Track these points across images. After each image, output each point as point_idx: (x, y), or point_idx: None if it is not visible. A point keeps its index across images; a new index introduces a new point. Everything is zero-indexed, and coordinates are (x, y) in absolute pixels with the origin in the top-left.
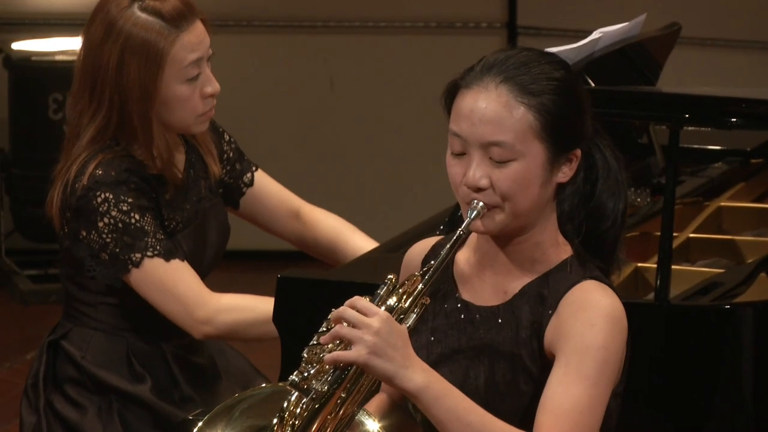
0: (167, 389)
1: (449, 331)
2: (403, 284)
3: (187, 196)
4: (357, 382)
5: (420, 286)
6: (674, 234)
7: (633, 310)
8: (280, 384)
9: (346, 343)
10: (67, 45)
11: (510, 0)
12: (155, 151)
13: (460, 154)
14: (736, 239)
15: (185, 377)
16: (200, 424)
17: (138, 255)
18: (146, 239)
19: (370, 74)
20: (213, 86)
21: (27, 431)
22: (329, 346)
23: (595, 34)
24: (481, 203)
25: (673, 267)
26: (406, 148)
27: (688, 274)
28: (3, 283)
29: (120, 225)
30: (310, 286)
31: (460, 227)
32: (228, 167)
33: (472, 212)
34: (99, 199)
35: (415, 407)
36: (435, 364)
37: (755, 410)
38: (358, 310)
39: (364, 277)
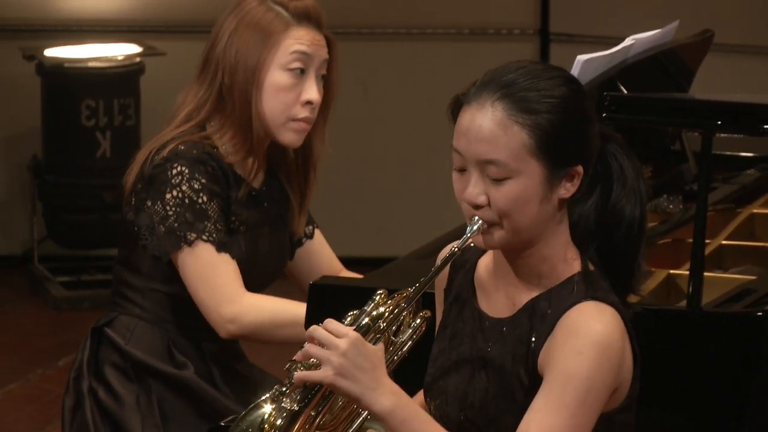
0: (209, 382)
1: (464, 339)
2: (392, 297)
3: (257, 206)
4: (326, 401)
5: (403, 304)
6: (706, 241)
7: (665, 317)
8: None
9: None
10: (100, 51)
11: (543, 7)
12: (250, 141)
13: (461, 170)
14: None
15: (223, 379)
16: (256, 404)
17: (194, 235)
18: (206, 223)
19: (403, 81)
20: (312, 95)
21: (68, 416)
22: (302, 363)
23: (628, 41)
24: (480, 220)
25: (705, 274)
26: (439, 155)
27: (721, 281)
28: (36, 290)
29: (187, 201)
30: (342, 293)
31: (455, 244)
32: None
33: (471, 228)
34: (174, 171)
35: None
36: (446, 373)
37: None
38: (329, 331)
39: (395, 284)
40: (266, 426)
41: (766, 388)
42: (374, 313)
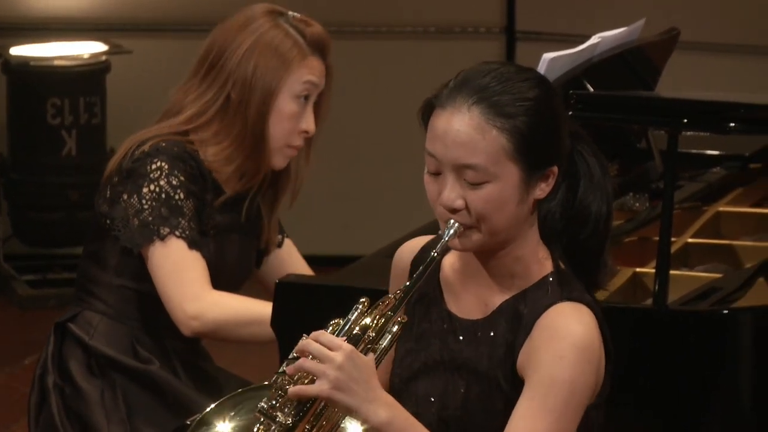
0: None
1: (432, 340)
2: (377, 305)
3: (230, 212)
4: (321, 415)
5: (389, 313)
6: (672, 239)
7: (631, 315)
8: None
9: (309, 375)
10: (65, 50)
11: (509, 5)
12: (244, 155)
13: (436, 173)
14: (735, 244)
15: (188, 377)
16: (209, 408)
17: (167, 230)
18: (181, 219)
19: (369, 80)
20: (310, 125)
21: (33, 413)
22: (294, 377)
23: (594, 39)
24: (456, 224)
25: (671, 272)
26: (406, 153)
27: (687, 279)
28: (1, 289)
29: (163, 196)
30: (308, 292)
31: (435, 248)
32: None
33: (448, 232)
34: (154, 166)
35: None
36: (416, 375)
37: (754, 416)
38: (322, 344)
39: (362, 282)
40: None
41: (731, 385)
42: (362, 322)
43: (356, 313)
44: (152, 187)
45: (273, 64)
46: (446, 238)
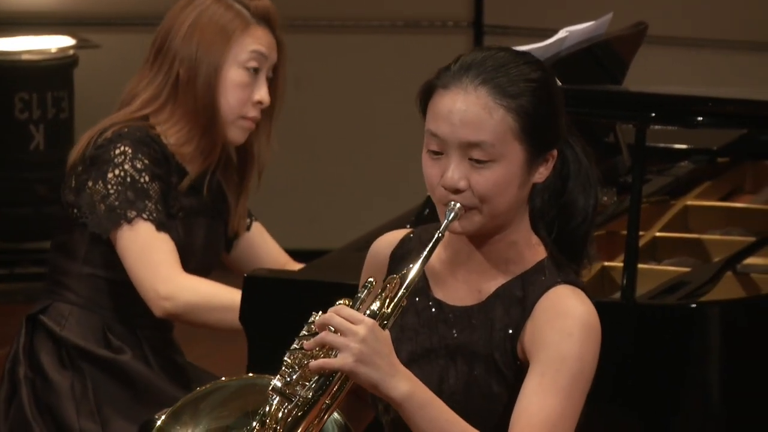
0: (146, 366)
1: (420, 330)
2: (384, 288)
3: (195, 195)
4: (342, 388)
5: (402, 291)
6: (640, 233)
7: (599, 309)
8: (246, 377)
9: (327, 349)
10: (33, 44)
11: None
12: (200, 132)
13: (438, 153)
14: (703, 238)
15: (159, 365)
16: (163, 416)
17: (134, 213)
18: (147, 202)
19: (336, 73)
20: (263, 95)
21: (3, 406)
22: (313, 351)
23: (562, 33)
24: (458, 205)
25: (639, 266)
26: (373, 147)
27: (655, 273)
28: None
29: (128, 179)
30: (277, 286)
31: (439, 229)
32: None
33: (450, 213)
34: (117, 151)
35: (386, 408)
36: (405, 364)
37: (723, 409)
38: (343, 317)
39: (331, 277)
40: (270, 416)
41: (700, 379)
42: (374, 302)
43: (366, 292)
44: (117, 171)
45: (216, 38)
46: (449, 220)
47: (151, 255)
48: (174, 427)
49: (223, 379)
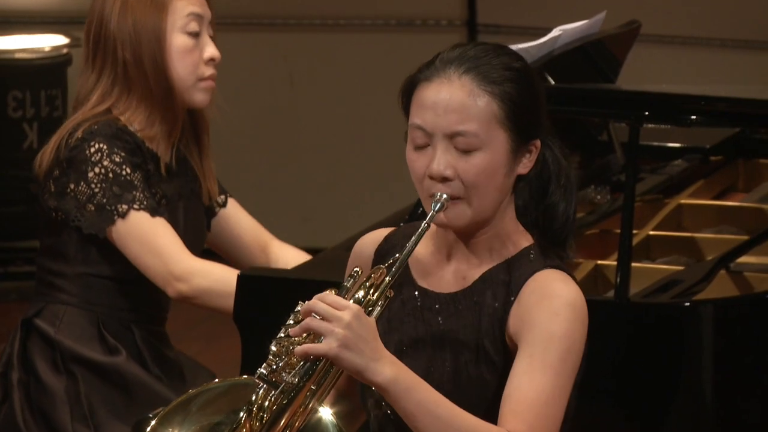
0: (140, 365)
1: (405, 319)
2: (369, 277)
3: (171, 181)
4: (327, 374)
5: (387, 278)
6: (634, 231)
7: (593, 308)
8: (237, 378)
9: (315, 335)
10: (27, 43)
11: None
12: (161, 110)
13: (423, 147)
14: (696, 236)
15: (154, 361)
16: (154, 422)
17: (125, 206)
18: (134, 192)
19: (330, 72)
20: (213, 51)
21: None
22: (298, 338)
23: (555, 32)
24: (445, 195)
25: (633, 264)
26: (366, 146)
27: (648, 271)
28: None
29: (110, 175)
30: (271, 284)
31: (424, 220)
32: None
33: (436, 205)
34: (92, 149)
35: (375, 403)
36: (394, 354)
37: (716, 408)
38: (328, 304)
39: (324, 275)
40: (258, 404)
41: (692, 377)
42: (359, 291)
43: (351, 282)
44: (97, 169)
45: (149, 12)
46: (435, 211)
47: (155, 241)
48: (166, 429)
49: (216, 381)
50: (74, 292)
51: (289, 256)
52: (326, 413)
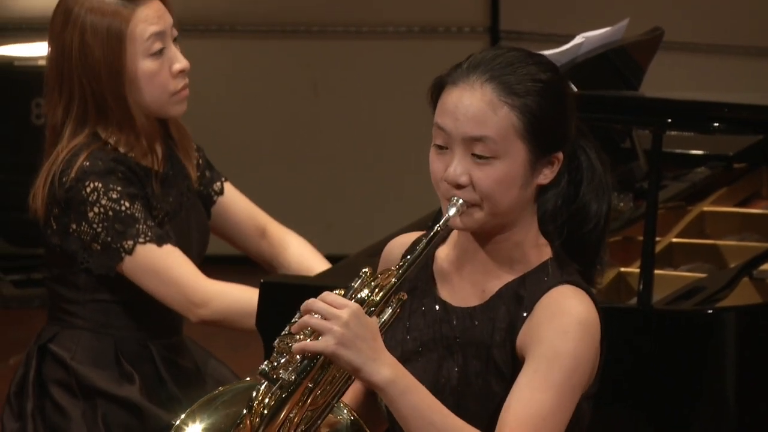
0: (155, 389)
1: (425, 330)
2: (376, 277)
3: (170, 191)
4: (324, 372)
5: (393, 280)
6: (657, 238)
7: (615, 315)
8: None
9: (315, 335)
10: None
11: (493, 4)
12: (139, 132)
13: (443, 148)
14: (719, 244)
15: (172, 377)
16: (183, 416)
17: (130, 242)
18: (137, 226)
19: (353, 79)
20: (181, 62)
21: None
22: (300, 336)
23: (578, 39)
24: (460, 200)
25: (655, 272)
26: (390, 153)
27: (671, 278)
28: None
29: (110, 213)
30: (293, 291)
31: (438, 223)
32: (198, 174)
33: (451, 209)
34: (88, 189)
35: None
36: (407, 360)
37: (738, 415)
38: (328, 302)
39: (347, 282)
40: (258, 400)
41: (716, 384)
42: (364, 291)
43: (358, 282)
44: (96, 209)
45: (106, 47)
46: (450, 215)
47: (168, 273)
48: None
49: (246, 379)
50: (89, 318)
51: (288, 244)
52: (344, 414)
